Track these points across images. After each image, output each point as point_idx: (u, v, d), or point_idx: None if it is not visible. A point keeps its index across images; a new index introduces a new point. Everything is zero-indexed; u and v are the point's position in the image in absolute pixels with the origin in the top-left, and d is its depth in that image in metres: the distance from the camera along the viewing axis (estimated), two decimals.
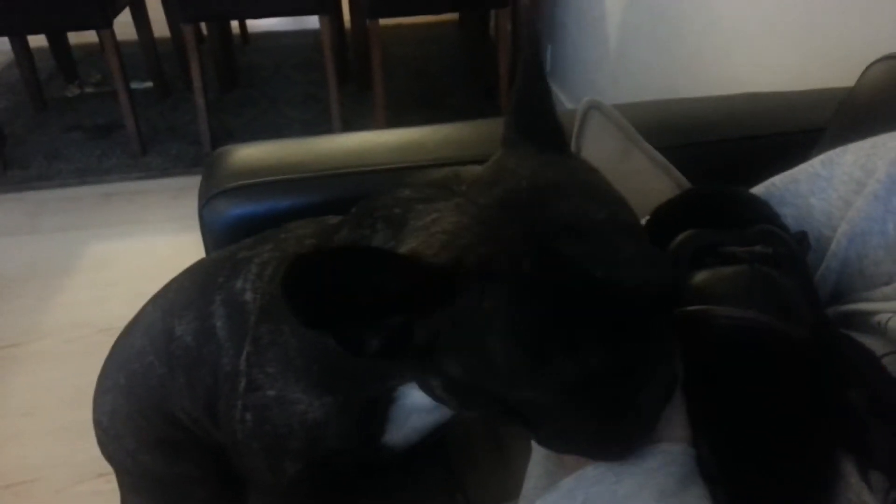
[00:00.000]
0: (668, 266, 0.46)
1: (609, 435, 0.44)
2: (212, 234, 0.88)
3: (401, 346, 0.42)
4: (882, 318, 0.50)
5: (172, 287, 0.74)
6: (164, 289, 0.76)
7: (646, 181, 0.84)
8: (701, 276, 0.50)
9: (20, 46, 2.58)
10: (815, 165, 0.62)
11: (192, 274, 0.73)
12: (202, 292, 0.67)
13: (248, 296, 0.62)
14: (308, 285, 0.35)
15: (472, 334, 0.39)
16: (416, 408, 0.59)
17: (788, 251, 0.52)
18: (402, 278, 0.39)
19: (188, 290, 0.70)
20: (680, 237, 0.53)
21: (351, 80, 2.90)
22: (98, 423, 0.79)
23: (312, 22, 2.39)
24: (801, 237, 0.55)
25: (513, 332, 0.38)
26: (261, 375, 0.60)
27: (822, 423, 0.47)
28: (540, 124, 0.49)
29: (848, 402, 0.46)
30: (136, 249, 2.03)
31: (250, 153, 0.94)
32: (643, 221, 0.59)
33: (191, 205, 0.91)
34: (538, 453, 0.53)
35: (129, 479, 0.83)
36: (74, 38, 2.97)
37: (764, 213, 0.57)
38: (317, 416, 0.59)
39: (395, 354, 0.42)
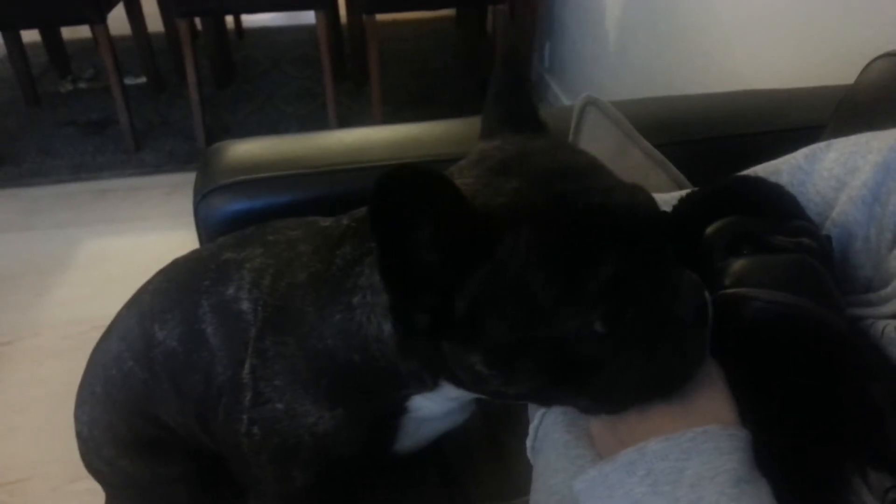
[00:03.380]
0: (648, 193, 0.47)
1: (661, 362, 0.44)
2: (207, 231, 0.87)
3: (445, 321, 0.44)
4: (867, 323, 0.50)
5: (148, 290, 0.72)
6: (139, 292, 0.74)
7: (642, 177, 0.84)
8: (743, 262, 0.50)
9: (13, 41, 2.56)
10: (798, 158, 0.62)
11: (170, 276, 0.71)
12: (185, 296, 0.65)
13: (245, 305, 0.61)
14: (395, 197, 0.38)
15: (513, 279, 0.42)
16: (428, 417, 0.59)
17: (823, 248, 0.52)
18: (459, 217, 0.41)
19: (168, 293, 0.68)
20: (718, 223, 0.53)
21: (347, 75, 2.89)
22: (79, 435, 0.78)
23: (308, 17, 2.38)
24: (828, 239, 0.55)
25: (548, 262, 0.42)
26: (268, 388, 0.59)
27: (848, 414, 0.47)
28: (518, 111, 0.53)
29: (869, 394, 0.47)
30: (130, 246, 2.02)
31: (246, 149, 0.93)
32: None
33: (186, 201, 0.91)
34: (555, 445, 0.52)
35: (111, 490, 0.82)
36: (68, 32, 2.95)
37: (794, 208, 0.57)
38: (327, 427, 0.58)
39: (439, 332, 0.45)
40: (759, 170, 0.65)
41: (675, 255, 0.46)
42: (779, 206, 0.56)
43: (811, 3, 1.16)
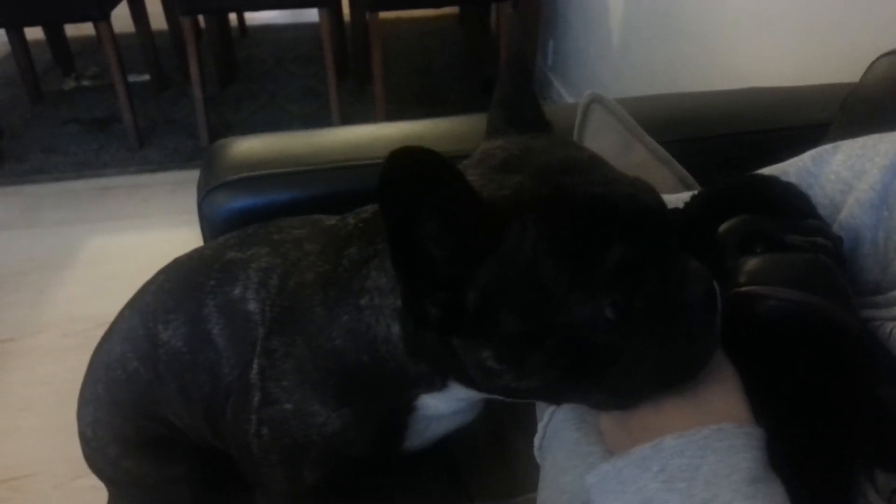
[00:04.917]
0: (650, 185, 0.47)
1: (672, 350, 0.44)
2: (211, 228, 0.87)
3: (456, 315, 0.44)
4: (875, 325, 0.50)
5: (150, 290, 0.72)
6: (140, 292, 0.74)
7: (648, 174, 0.83)
8: (756, 261, 0.50)
9: (17, 39, 2.56)
10: (805, 160, 0.62)
11: (172, 276, 0.71)
12: (189, 296, 0.65)
13: (253, 306, 0.61)
14: (404, 174, 0.39)
15: (522, 268, 0.42)
16: (437, 416, 0.59)
17: (836, 248, 0.52)
18: (465, 206, 0.41)
19: (171, 294, 0.68)
20: (731, 221, 0.53)
21: (350, 74, 2.89)
22: (82, 436, 0.78)
23: (311, 15, 2.38)
24: (840, 239, 0.55)
25: (556, 250, 0.42)
26: (277, 389, 0.59)
27: (857, 415, 0.47)
28: (524, 112, 0.53)
29: (877, 397, 0.46)
30: (134, 243, 2.02)
31: (250, 146, 0.93)
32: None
33: (189, 198, 0.91)
34: (565, 443, 0.52)
35: (114, 489, 0.82)
36: (71, 30, 2.95)
37: (807, 206, 0.56)
38: (335, 427, 0.58)
39: (451, 326, 0.45)
40: (767, 171, 0.65)
41: (683, 247, 0.46)
42: (792, 205, 0.56)
43: (816, 1, 1.15)
